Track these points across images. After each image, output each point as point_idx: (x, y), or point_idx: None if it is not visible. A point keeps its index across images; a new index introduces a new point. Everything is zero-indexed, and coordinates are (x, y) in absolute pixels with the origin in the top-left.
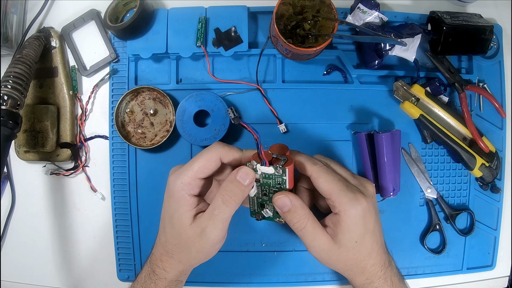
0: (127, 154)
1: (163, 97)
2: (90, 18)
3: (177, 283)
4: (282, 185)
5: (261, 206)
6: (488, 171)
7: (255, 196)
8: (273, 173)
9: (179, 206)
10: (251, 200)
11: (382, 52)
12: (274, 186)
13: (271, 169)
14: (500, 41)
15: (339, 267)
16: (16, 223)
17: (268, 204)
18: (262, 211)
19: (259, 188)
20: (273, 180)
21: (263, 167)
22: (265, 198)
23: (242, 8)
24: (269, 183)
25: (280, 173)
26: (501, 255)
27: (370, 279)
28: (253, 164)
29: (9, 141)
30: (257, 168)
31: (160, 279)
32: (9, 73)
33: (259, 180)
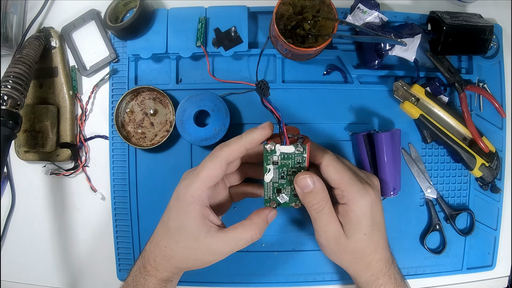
0: (127, 154)
1: (163, 97)
2: (90, 18)
3: (167, 283)
4: (301, 164)
5: (277, 191)
6: (488, 171)
7: (271, 182)
8: (293, 152)
9: (191, 217)
10: (267, 186)
11: (382, 52)
12: (293, 167)
13: (291, 147)
14: (500, 41)
15: (346, 259)
16: (16, 223)
17: (285, 188)
18: (278, 197)
19: (276, 171)
20: (292, 159)
21: (283, 146)
22: (282, 182)
23: (242, 8)
24: (288, 164)
25: (300, 151)
26: (501, 255)
27: (375, 275)
28: (272, 146)
29: (9, 141)
30: (276, 149)
31: (150, 276)
32: (9, 73)
33: (277, 162)
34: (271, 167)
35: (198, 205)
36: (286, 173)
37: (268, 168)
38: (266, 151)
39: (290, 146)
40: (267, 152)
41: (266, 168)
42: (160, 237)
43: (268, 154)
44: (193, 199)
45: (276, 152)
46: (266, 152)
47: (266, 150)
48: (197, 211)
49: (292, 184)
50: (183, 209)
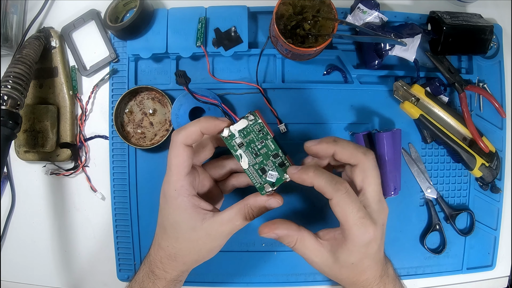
0: (127, 154)
1: (162, 97)
2: (90, 18)
3: (176, 283)
4: (262, 131)
5: (262, 171)
6: (488, 171)
7: (250, 166)
8: (248, 124)
9: (181, 211)
10: (250, 173)
11: (382, 52)
12: (258, 139)
13: (243, 121)
14: (500, 41)
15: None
16: (16, 223)
17: (267, 164)
18: (267, 177)
19: (248, 153)
20: (253, 132)
21: (235, 124)
22: (260, 160)
23: (242, 8)
24: (253, 138)
25: (253, 119)
26: (501, 255)
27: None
28: (226, 131)
29: (9, 141)
30: (232, 131)
31: (160, 279)
32: (9, 73)
33: (243, 143)
34: (240, 151)
35: (185, 196)
36: (258, 148)
37: (239, 154)
38: (226, 139)
39: (241, 121)
40: (228, 140)
41: (237, 156)
42: (160, 238)
43: (230, 141)
44: (177, 192)
45: (234, 134)
46: (227, 141)
47: (225, 138)
48: (186, 202)
49: (270, 157)
50: (172, 205)
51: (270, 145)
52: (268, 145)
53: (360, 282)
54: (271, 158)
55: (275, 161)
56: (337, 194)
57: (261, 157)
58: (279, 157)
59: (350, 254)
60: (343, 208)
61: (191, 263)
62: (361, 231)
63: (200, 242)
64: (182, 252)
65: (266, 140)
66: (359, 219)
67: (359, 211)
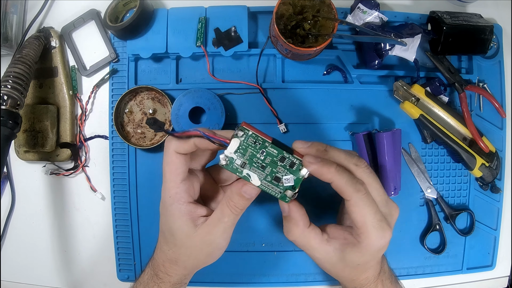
0: (127, 154)
1: (162, 97)
2: (90, 18)
3: (181, 285)
4: (258, 141)
5: (277, 180)
6: (488, 171)
7: (262, 181)
8: (240, 142)
9: (175, 218)
10: (267, 188)
11: (382, 52)
12: (258, 151)
13: (234, 141)
14: (500, 41)
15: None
16: (16, 223)
17: (278, 171)
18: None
19: (254, 168)
20: (249, 147)
21: (228, 147)
22: (268, 170)
23: (242, 8)
24: (252, 153)
25: (243, 134)
26: (501, 255)
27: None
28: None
29: (9, 141)
30: (229, 156)
31: (164, 282)
32: (9, 73)
33: (245, 162)
34: (246, 171)
35: (180, 204)
36: (262, 160)
37: (246, 175)
38: (227, 165)
39: (232, 141)
40: (228, 166)
41: (245, 177)
42: (162, 243)
43: (231, 166)
44: (171, 199)
45: (232, 157)
46: (228, 167)
47: (226, 165)
48: (180, 210)
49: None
50: (167, 212)
51: (272, 152)
52: (270, 152)
53: (360, 280)
54: (279, 163)
55: (284, 164)
56: (357, 195)
57: (268, 167)
58: (286, 159)
59: (361, 256)
60: (361, 209)
61: (191, 268)
62: (379, 235)
63: (196, 248)
64: (182, 258)
65: (265, 149)
66: (377, 222)
67: (376, 213)
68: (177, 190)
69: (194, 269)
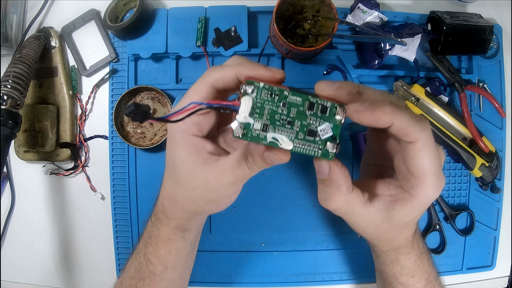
0: (127, 154)
1: (162, 97)
2: (90, 18)
3: (184, 231)
4: (274, 92)
5: (311, 134)
6: (488, 171)
7: (295, 141)
8: (253, 100)
9: (179, 150)
10: (302, 148)
11: (382, 52)
12: (278, 104)
13: (245, 99)
14: (500, 41)
15: (367, 234)
16: (16, 223)
17: (311, 124)
18: (322, 136)
19: (279, 128)
20: (266, 102)
21: (240, 111)
22: (299, 125)
23: (242, 8)
24: (271, 109)
25: (253, 89)
26: (501, 255)
27: (397, 248)
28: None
29: (9, 141)
30: (244, 121)
31: (164, 225)
32: (9, 73)
33: (266, 124)
34: (271, 134)
35: (185, 134)
36: (286, 114)
37: (273, 140)
38: (245, 135)
39: (243, 101)
40: (247, 135)
41: (272, 143)
42: (165, 176)
43: (250, 134)
44: (177, 127)
45: (248, 122)
46: (246, 137)
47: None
48: (185, 140)
49: (306, 112)
50: (172, 141)
51: (296, 100)
52: (293, 102)
53: (400, 241)
54: (308, 113)
55: (315, 112)
56: (424, 134)
57: (297, 121)
58: (314, 104)
59: (411, 212)
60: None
61: (191, 212)
62: (437, 183)
63: (197, 190)
64: (180, 198)
65: (286, 99)
66: (438, 168)
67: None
68: (187, 119)
69: (194, 215)
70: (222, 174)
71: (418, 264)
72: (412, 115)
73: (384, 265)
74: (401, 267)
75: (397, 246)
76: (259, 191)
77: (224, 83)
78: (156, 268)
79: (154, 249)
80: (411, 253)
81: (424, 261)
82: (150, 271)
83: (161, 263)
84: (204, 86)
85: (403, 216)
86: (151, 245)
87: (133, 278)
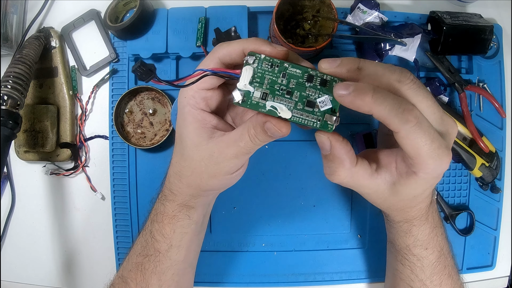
0: (127, 154)
1: (162, 97)
2: (90, 18)
3: (189, 209)
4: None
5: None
6: (488, 171)
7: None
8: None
9: (187, 123)
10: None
11: (382, 52)
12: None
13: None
14: (500, 41)
15: (380, 205)
16: (16, 223)
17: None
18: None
19: (278, 98)
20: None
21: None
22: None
23: (242, 8)
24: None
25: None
26: (501, 255)
27: (410, 219)
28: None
29: (9, 141)
30: (244, 89)
31: (169, 201)
32: (9, 73)
33: (265, 93)
34: (270, 103)
35: (192, 108)
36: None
37: (271, 108)
38: (244, 102)
39: (244, 70)
40: (246, 102)
41: (271, 111)
42: (173, 154)
43: (249, 101)
44: (186, 100)
45: (248, 90)
46: (246, 104)
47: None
48: (192, 114)
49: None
50: (180, 115)
51: (295, 72)
52: (293, 73)
53: (413, 212)
54: (307, 85)
55: (314, 84)
56: (406, 126)
57: (296, 92)
58: (314, 77)
59: (417, 187)
60: (413, 141)
61: (195, 187)
62: (436, 163)
63: (202, 163)
64: (185, 171)
65: (286, 70)
66: (434, 150)
67: (433, 141)
68: (194, 93)
69: (198, 190)
70: (226, 147)
71: (432, 237)
72: (395, 105)
73: (397, 236)
74: (415, 238)
75: (409, 218)
76: (259, 191)
77: (231, 58)
78: (160, 246)
79: (160, 225)
80: (425, 225)
81: (438, 234)
82: (155, 248)
83: (165, 240)
84: (212, 61)
85: (409, 190)
86: (156, 222)
87: (139, 255)
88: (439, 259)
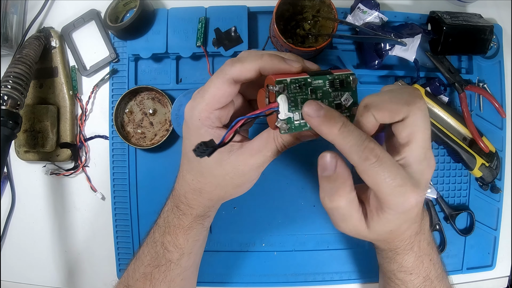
0: (127, 154)
1: (162, 97)
2: (90, 18)
3: (204, 218)
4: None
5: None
6: (488, 171)
7: None
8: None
9: None
10: None
11: (382, 52)
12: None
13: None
14: (500, 41)
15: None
16: (16, 223)
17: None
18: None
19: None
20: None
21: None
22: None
23: (242, 8)
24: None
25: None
26: (501, 255)
27: (394, 249)
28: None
29: (9, 141)
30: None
31: (185, 214)
32: (9, 73)
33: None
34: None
35: (209, 128)
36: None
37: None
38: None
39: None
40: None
41: None
42: (185, 170)
43: (293, 126)
44: (201, 123)
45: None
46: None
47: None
48: (210, 133)
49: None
50: (194, 135)
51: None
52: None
53: (395, 242)
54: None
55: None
56: (364, 163)
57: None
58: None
59: (388, 223)
60: (373, 178)
61: (217, 199)
62: (399, 200)
63: (227, 177)
64: (208, 188)
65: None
66: (395, 188)
67: (395, 178)
68: (209, 115)
69: (219, 201)
70: (251, 158)
71: (417, 264)
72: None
73: (382, 261)
74: (399, 265)
75: (392, 247)
76: (259, 191)
77: (246, 77)
78: (173, 256)
79: (173, 238)
80: (409, 254)
81: (424, 261)
82: (167, 258)
83: (178, 250)
84: (224, 81)
85: (382, 226)
86: (169, 234)
87: (148, 266)
88: (424, 283)
